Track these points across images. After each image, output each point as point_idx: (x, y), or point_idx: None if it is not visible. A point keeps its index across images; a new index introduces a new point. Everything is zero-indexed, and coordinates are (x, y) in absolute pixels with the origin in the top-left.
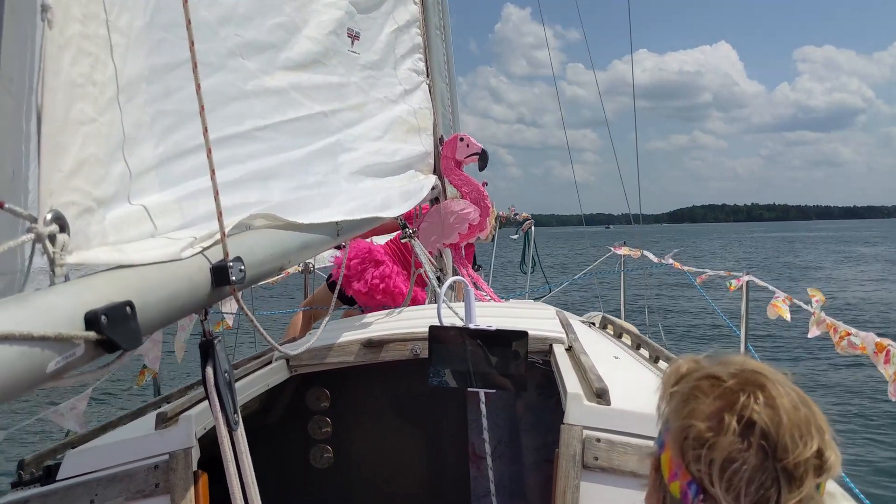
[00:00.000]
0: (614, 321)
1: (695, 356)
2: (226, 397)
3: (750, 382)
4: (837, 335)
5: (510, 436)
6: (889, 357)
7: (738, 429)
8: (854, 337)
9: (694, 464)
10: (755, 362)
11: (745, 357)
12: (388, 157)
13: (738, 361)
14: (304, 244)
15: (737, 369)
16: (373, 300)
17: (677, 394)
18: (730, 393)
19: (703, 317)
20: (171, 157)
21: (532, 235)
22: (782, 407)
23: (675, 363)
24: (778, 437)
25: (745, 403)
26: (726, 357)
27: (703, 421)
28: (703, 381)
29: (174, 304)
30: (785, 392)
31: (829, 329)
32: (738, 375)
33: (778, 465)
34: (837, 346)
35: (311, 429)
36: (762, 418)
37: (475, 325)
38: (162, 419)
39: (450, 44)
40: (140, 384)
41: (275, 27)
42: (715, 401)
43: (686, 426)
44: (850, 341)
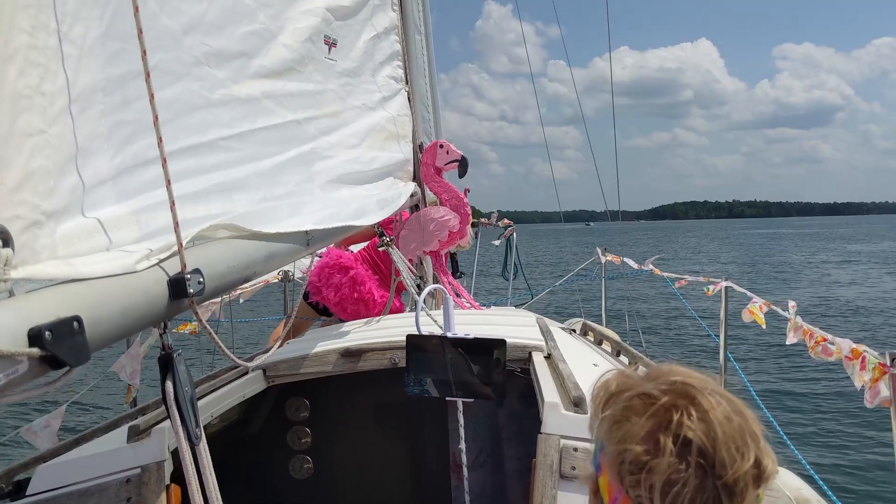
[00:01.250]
0: (595, 327)
1: (625, 369)
2: (186, 412)
3: (682, 396)
4: (813, 340)
5: (492, 445)
6: (865, 364)
7: (675, 449)
8: (830, 343)
9: (633, 489)
10: (684, 371)
11: (673, 366)
12: (365, 165)
13: (666, 372)
14: (270, 254)
15: (667, 383)
16: (345, 310)
17: (609, 416)
18: (662, 411)
19: (683, 322)
20: (129, 169)
21: (514, 241)
22: (716, 420)
23: (603, 379)
24: (715, 452)
25: (679, 421)
26: (657, 368)
27: (639, 444)
28: (635, 399)
29: (129, 317)
30: (717, 402)
31: (805, 335)
32: (669, 391)
33: (718, 482)
34: (811, 352)
35: (291, 439)
36: (697, 435)
37: (453, 334)
38: (134, 432)
39: (431, 49)
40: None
41: (247, 35)
42: (648, 420)
43: (622, 450)
44: (825, 347)
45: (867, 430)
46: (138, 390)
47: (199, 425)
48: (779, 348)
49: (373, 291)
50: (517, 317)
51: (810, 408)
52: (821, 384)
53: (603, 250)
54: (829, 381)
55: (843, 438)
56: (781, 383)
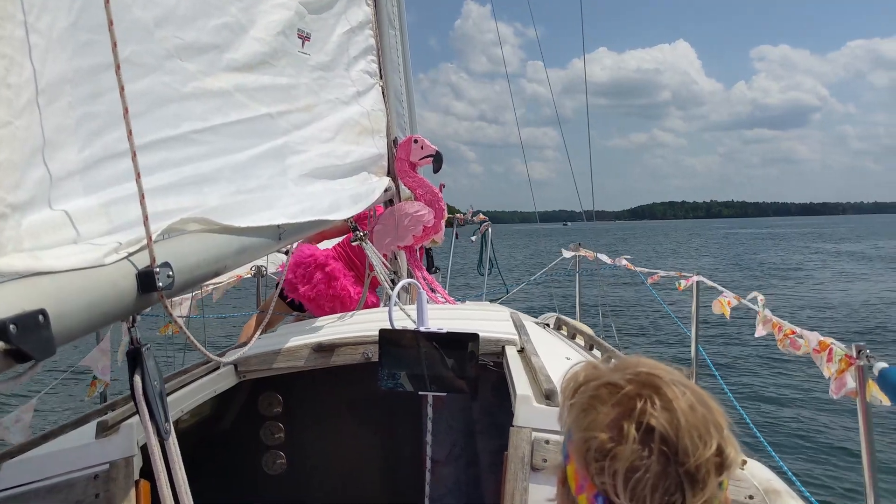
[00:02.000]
0: (568, 322)
1: (594, 361)
2: (155, 407)
3: (646, 386)
4: (782, 333)
5: (466, 439)
6: (831, 356)
7: (638, 436)
8: (798, 336)
9: (598, 476)
10: (651, 363)
11: (641, 358)
12: (339, 160)
13: (633, 364)
14: (241, 248)
15: (632, 373)
16: (321, 307)
17: (577, 404)
18: (627, 399)
19: (656, 317)
20: (99, 161)
21: (489, 237)
22: (679, 409)
23: (572, 370)
24: (678, 440)
25: (643, 409)
26: (624, 359)
27: (604, 431)
28: (601, 389)
29: (96, 311)
30: (681, 392)
31: (773, 328)
32: (634, 380)
33: (680, 469)
34: (779, 344)
35: (264, 434)
36: (660, 423)
37: (426, 328)
38: (103, 428)
39: (406, 44)
40: (91, 395)
41: (219, 28)
42: (613, 409)
43: (587, 438)
44: (793, 340)
45: (835, 421)
46: (106, 385)
47: (168, 420)
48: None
49: (348, 288)
50: (491, 311)
51: (780, 400)
52: (790, 377)
53: (576, 246)
54: (798, 374)
55: (812, 430)
56: (752, 376)
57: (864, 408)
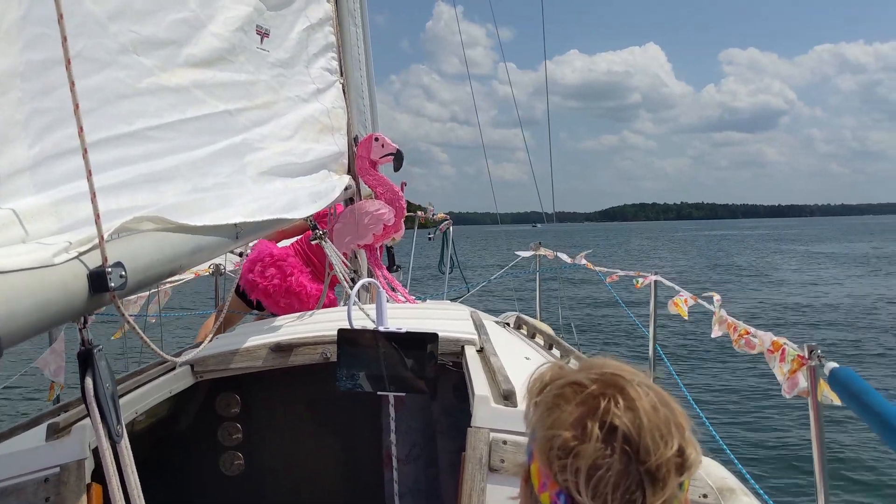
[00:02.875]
0: (528, 321)
1: (560, 362)
2: (107, 409)
3: (610, 386)
4: (736, 333)
5: (426, 439)
6: (784, 356)
7: (601, 434)
8: (752, 336)
9: (560, 473)
10: (615, 364)
11: (606, 359)
12: (298, 157)
13: (598, 364)
14: (197, 247)
15: (597, 373)
16: (277, 303)
17: (542, 403)
18: (591, 398)
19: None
20: (50, 158)
21: (450, 235)
22: (642, 409)
23: (538, 370)
24: (640, 439)
25: (607, 408)
26: (589, 360)
27: (568, 429)
28: (566, 388)
29: (46, 312)
30: (644, 393)
31: (729, 328)
32: (599, 380)
33: (641, 467)
34: (735, 344)
35: (221, 435)
36: (623, 422)
37: (386, 328)
38: (54, 430)
39: (367, 41)
40: (51, 399)
41: (177, 23)
42: (577, 407)
43: (551, 436)
44: (748, 340)
45: (789, 420)
46: (62, 387)
47: (120, 423)
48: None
49: (305, 284)
50: (451, 310)
51: (736, 399)
52: (746, 377)
53: (536, 245)
54: (753, 373)
55: (767, 429)
56: (708, 376)
57: (816, 407)
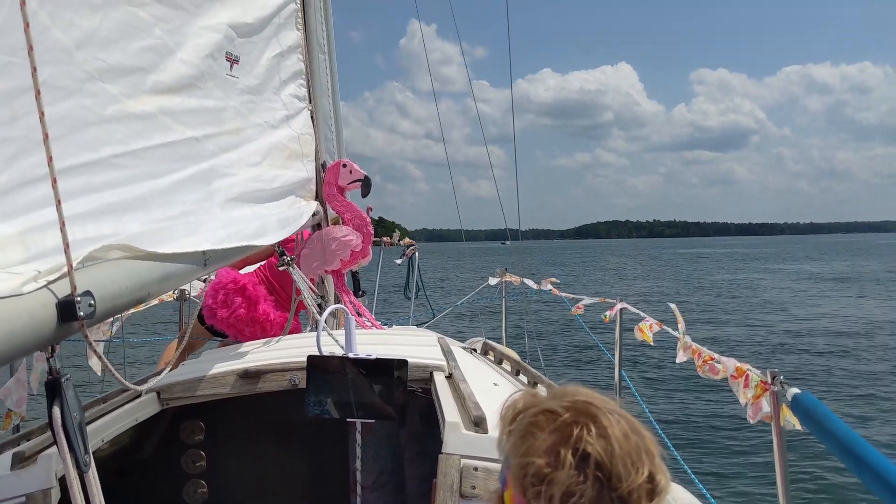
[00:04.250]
0: (495, 347)
1: (532, 390)
2: (74, 438)
3: (583, 414)
4: (701, 359)
5: (394, 465)
6: (748, 381)
7: (574, 462)
8: (716, 362)
9: (535, 500)
10: (587, 392)
11: (578, 387)
12: (266, 184)
13: (571, 392)
14: (165, 275)
15: (570, 402)
16: (241, 332)
17: (515, 431)
18: (564, 426)
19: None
20: (16, 187)
21: (416, 261)
22: (614, 437)
23: (512, 398)
24: (612, 466)
25: (580, 436)
26: (562, 388)
27: (541, 457)
28: (540, 415)
29: (14, 341)
30: (616, 421)
31: (693, 354)
32: (572, 408)
33: (613, 493)
34: (699, 370)
35: (185, 463)
36: (596, 449)
37: (355, 354)
38: (19, 459)
39: (334, 68)
40: (6, 428)
41: (143, 50)
42: (550, 435)
43: (525, 463)
44: (712, 366)
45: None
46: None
47: (88, 452)
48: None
49: (268, 312)
50: (419, 336)
51: (701, 424)
52: (712, 402)
53: (502, 271)
54: (719, 399)
55: (731, 453)
56: (674, 401)
57: (779, 431)
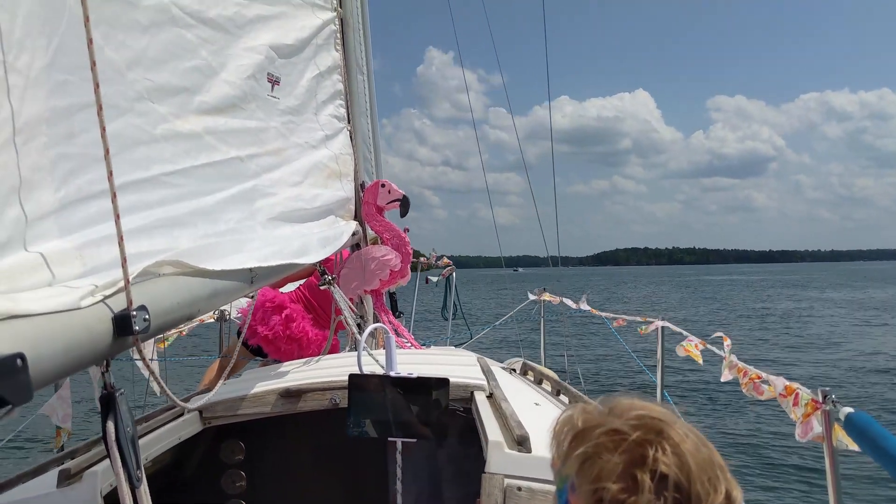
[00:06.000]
0: (534, 367)
1: (584, 405)
2: (128, 453)
3: (651, 430)
4: (747, 378)
5: (432, 487)
6: (798, 400)
7: (653, 486)
8: (763, 382)
9: None
10: (648, 406)
11: (634, 400)
12: (307, 203)
13: (629, 407)
14: (214, 292)
15: (635, 418)
16: (278, 349)
17: (580, 454)
18: (635, 446)
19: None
20: (73, 203)
21: (453, 281)
22: (688, 453)
23: (565, 415)
24: (690, 486)
25: (655, 457)
26: (617, 402)
27: (615, 482)
28: (604, 437)
29: (71, 355)
30: (685, 435)
31: (739, 373)
32: (638, 426)
33: None
34: (743, 388)
35: (225, 483)
36: (672, 469)
37: (396, 373)
38: (65, 476)
39: (372, 89)
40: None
41: (189, 70)
42: (621, 457)
43: (598, 489)
44: (756, 385)
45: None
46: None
47: (140, 467)
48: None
49: (307, 330)
50: (458, 356)
51: (747, 446)
52: (757, 423)
53: (540, 291)
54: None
55: (781, 475)
56: (718, 421)
57: (831, 452)
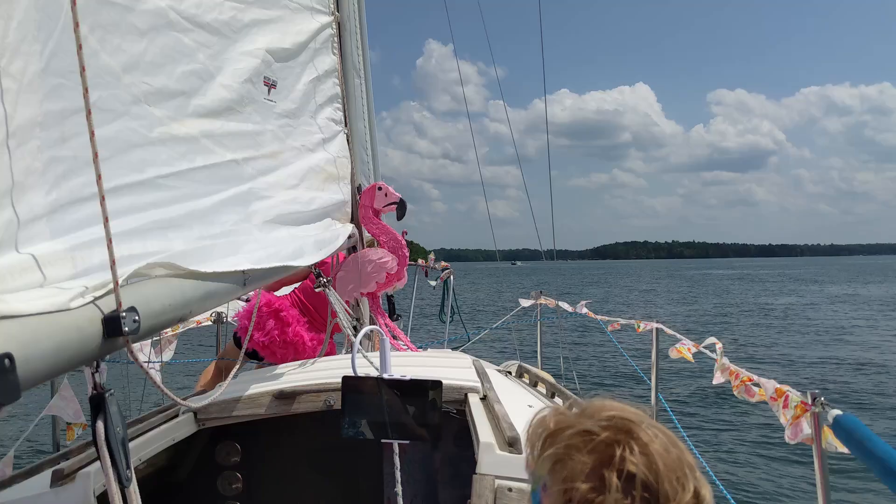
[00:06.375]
0: (530, 370)
1: (559, 407)
2: (117, 453)
3: (621, 431)
4: (739, 380)
5: (427, 489)
6: (787, 402)
7: (621, 484)
8: (754, 384)
9: None
10: (619, 406)
11: (605, 401)
12: (303, 206)
13: (601, 408)
14: (207, 294)
15: (605, 419)
16: (273, 354)
17: (551, 454)
18: (604, 446)
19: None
20: (65, 205)
21: (451, 284)
22: (656, 453)
23: (538, 417)
24: (658, 485)
25: (622, 456)
26: (590, 403)
27: (584, 481)
28: (575, 437)
29: (61, 356)
30: (654, 435)
31: (731, 375)
32: (609, 426)
33: None
34: (735, 390)
35: (221, 485)
36: (640, 469)
37: (390, 375)
38: (58, 477)
39: (370, 91)
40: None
41: (186, 74)
42: (590, 457)
43: (567, 489)
44: (748, 387)
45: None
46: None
47: (129, 467)
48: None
49: (302, 334)
50: (453, 359)
51: (739, 446)
52: (749, 424)
53: (536, 294)
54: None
55: (770, 476)
56: (711, 423)
57: (820, 454)
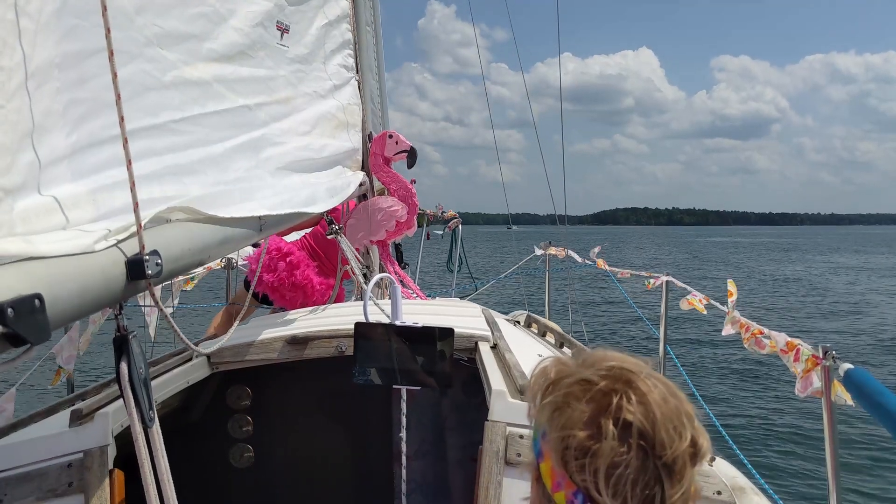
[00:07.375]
0: (539, 319)
1: (560, 357)
2: (140, 394)
3: (619, 380)
4: (749, 333)
5: (435, 434)
6: (798, 356)
7: (617, 432)
8: (765, 337)
9: (578, 473)
10: (619, 356)
11: (607, 351)
12: (315, 153)
13: (602, 358)
14: (224, 239)
15: (605, 369)
16: (283, 297)
17: (550, 402)
18: (601, 395)
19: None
20: (85, 147)
21: (459, 234)
22: (654, 402)
23: (541, 367)
24: (654, 433)
25: (619, 405)
26: (592, 353)
27: (581, 429)
28: (574, 386)
29: (86, 297)
30: (653, 385)
31: (741, 327)
32: (607, 376)
33: (658, 462)
34: (745, 343)
35: (232, 428)
36: (637, 417)
37: (401, 322)
38: (77, 416)
39: (380, 40)
40: (55, 384)
41: (197, 17)
42: (588, 405)
43: (565, 436)
44: (758, 340)
45: (801, 421)
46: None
47: (152, 407)
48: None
49: (311, 277)
50: (463, 307)
51: (747, 399)
52: (758, 378)
53: (546, 244)
54: (766, 375)
55: (778, 429)
56: (719, 376)
57: (829, 407)
